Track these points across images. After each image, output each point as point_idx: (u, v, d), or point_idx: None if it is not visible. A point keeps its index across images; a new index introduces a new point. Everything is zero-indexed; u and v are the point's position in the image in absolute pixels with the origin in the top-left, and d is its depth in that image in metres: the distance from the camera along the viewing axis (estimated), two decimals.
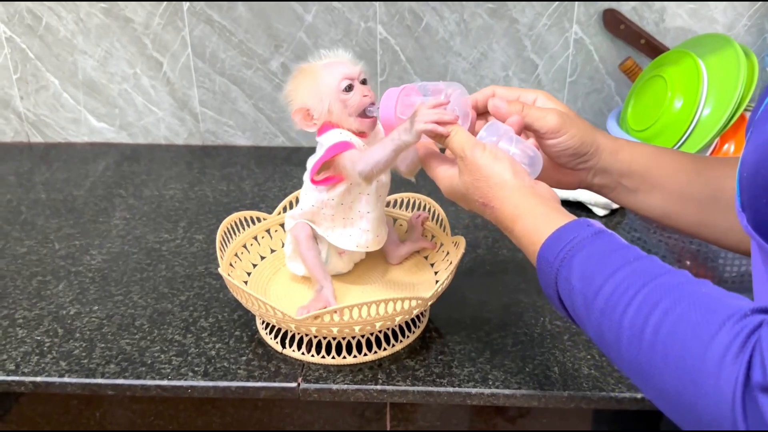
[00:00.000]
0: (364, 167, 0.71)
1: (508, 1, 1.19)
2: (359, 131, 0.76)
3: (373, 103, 0.76)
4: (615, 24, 1.19)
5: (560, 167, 0.68)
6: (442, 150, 0.68)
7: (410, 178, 0.77)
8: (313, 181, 0.77)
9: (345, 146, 0.74)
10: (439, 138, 0.65)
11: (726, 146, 1.01)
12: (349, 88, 0.75)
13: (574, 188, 0.71)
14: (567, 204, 1.05)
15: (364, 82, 0.76)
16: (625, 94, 1.26)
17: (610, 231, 0.55)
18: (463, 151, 0.62)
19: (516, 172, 0.60)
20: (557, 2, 1.19)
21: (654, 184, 0.68)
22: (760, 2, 1.18)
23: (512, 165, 0.61)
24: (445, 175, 0.66)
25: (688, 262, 0.97)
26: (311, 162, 0.78)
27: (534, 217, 0.58)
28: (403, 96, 0.69)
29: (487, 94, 0.68)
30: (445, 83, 0.69)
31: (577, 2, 1.19)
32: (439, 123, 0.63)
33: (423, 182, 1.16)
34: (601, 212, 1.05)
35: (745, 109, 0.99)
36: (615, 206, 1.06)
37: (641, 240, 1.01)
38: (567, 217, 0.57)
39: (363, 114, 0.76)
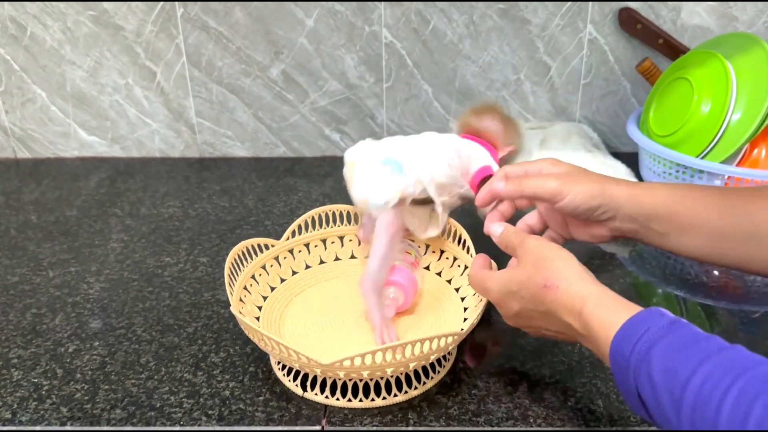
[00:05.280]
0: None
1: (519, 1, 1.14)
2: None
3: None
4: (631, 23, 1.14)
5: (588, 222, 0.69)
6: None
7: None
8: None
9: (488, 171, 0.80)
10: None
11: (756, 152, 0.96)
12: None
13: (609, 239, 0.70)
14: None
15: None
16: (641, 96, 1.21)
17: (684, 320, 0.52)
18: (516, 241, 0.65)
19: (576, 259, 0.61)
20: (570, 2, 1.14)
21: (684, 226, 0.65)
22: None
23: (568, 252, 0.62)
24: (494, 276, 0.66)
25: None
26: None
27: (604, 299, 0.56)
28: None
29: (500, 178, 0.70)
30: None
31: (591, 1, 1.14)
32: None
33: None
34: None
35: None
36: None
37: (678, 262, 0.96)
38: (636, 306, 0.55)
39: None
